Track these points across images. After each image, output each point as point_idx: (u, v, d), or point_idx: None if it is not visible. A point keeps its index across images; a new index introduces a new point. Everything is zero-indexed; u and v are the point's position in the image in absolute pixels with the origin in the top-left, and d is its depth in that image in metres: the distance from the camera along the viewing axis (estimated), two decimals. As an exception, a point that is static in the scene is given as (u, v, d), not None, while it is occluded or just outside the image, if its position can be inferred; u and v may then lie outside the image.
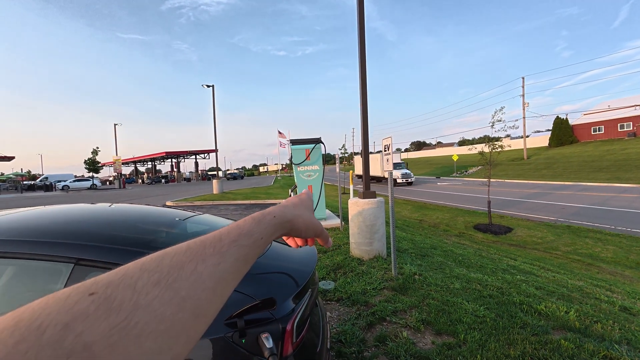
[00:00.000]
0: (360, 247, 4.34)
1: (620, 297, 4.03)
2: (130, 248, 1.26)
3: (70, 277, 1.16)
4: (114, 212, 1.87)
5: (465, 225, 10.78)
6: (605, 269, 6.50)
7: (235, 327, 1.13)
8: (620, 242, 7.95)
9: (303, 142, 7.32)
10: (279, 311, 1.21)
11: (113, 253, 1.22)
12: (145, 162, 60.89)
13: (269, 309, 1.20)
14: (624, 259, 7.02)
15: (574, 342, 2.19)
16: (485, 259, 5.27)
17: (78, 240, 1.23)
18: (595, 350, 2.11)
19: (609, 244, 7.90)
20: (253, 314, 1.17)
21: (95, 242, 1.24)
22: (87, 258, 1.19)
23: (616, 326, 2.59)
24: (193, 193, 19.16)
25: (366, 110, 4.46)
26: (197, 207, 12.33)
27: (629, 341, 2.33)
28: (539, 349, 2.14)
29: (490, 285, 3.43)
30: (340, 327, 2.57)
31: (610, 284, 4.95)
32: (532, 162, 32.67)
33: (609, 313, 3.08)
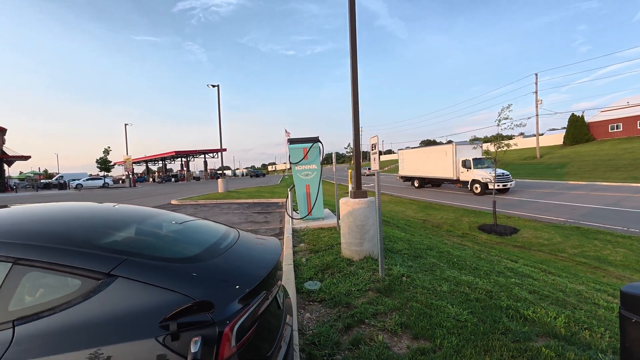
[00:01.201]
0: (351, 248, 4.29)
1: (622, 302, 3.85)
2: (71, 248, 1.25)
3: (7, 276, 1.16)
4: (81, 211, 1.88)
5: (470, 226, 10.56)
6: (613, 272, 6.24)
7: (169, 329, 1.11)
8: (632, 244, 7.62)
9: (301, 141, 7.29)
10: (218, 313, 1.18)
11: (52, 252, 1.22)
12: (156, 161, 62.12)
13: (206, 311, 1.17)
14: (634, 263, 6.72)
15: (556, 350, 2.10)
16: (482, 261, 5.13)
17: (18, 239, 1.24)
18: (577, 359, 2.00)
19: (619, 246, 7.58)
20: (189, 317, 1.15)
21: (35, 242, 1.24)
22: (26, 258, 1.19)
23: (607, 334, 2.47)
24: (200, 192, 19.42)
25: (357, 108, 4.39)
26: (201, 206, 12.48)
27: (615, 350, 2.21)
28: (516, 356, 2.05)
29: (480, 288, 3.33)
30: (317, 328, 2.53)
31: (615, 289, 4.74)
32: (545, 160, 31.74)
33: (603, 320, 2.94)
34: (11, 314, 1.12)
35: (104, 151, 35.65)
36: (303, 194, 7.21)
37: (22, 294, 1.18)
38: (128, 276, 1.22)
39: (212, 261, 1.48)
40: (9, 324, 1.10)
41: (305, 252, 4.85)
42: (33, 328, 1.09)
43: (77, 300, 1.15)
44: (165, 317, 1.12)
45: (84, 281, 1.20)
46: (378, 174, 3.58)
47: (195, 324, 1.14)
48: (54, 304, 1.14)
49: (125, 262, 1.27)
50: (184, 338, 1.11)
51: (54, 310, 1.12)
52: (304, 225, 6.79)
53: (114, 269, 1.23)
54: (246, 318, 1.27)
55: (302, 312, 2.86)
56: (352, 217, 4.24)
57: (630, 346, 1.21)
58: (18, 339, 1.07)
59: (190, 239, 1.82)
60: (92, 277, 1.21)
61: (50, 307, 1.13)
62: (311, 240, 5.48)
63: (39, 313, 1.12)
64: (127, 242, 1.52)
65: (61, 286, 1.22)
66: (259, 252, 1.83)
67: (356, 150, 4.49)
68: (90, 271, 1.22)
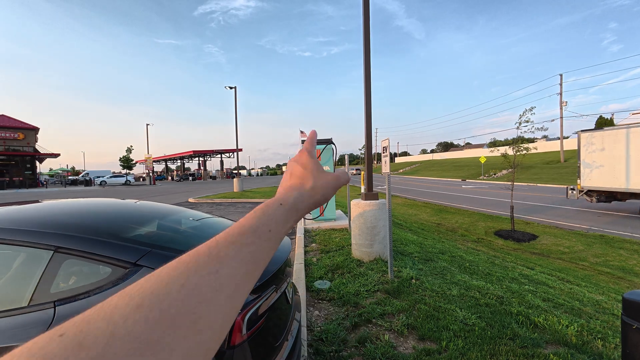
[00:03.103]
0: (361, 249, 4.34)
1: (644, 314, 3.69)
2: (103, 239, 1.40)
3: (49, 263, 1.32)
4: (108, 206, 2.05)
5: (486, 231, 10.30)
6: (638, 283, 5.95)
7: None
8: (661, 255, 7.22)
9: (314, 143, 7.40)
10: None
11: (89, 243, 1.37)
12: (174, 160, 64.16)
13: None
14: (662, 274, 6.37)
15: (564, 358, 2.08)
16: (496, 267, 5.04)
17: (58, 230, 1.40)
18: (586, 368, 1.98)
19: (646, 256, 7.20)
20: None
21: (73, 232, 1.40)
22: (65, 247, 1.34)
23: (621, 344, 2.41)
24: (216, 190, 19.94)
25: (370, 111, 4.45)
26: (217, 204, 12.84)
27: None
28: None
29: (491, 293, 3.30)
30: (325, 326, 2.61)
31: (638, 300, 4.54)
32: (569, 165, 30.37)
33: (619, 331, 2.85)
34: (53, 296, 1.27)
35: (127, 150, 37.23)
36: (316, 195, 7.30)
37: (61, 279, 1.33)
38: (152, 266, 1.35)
39: None
40: (50, 304, 1.25)
41: (316, 252, 4.94)
42: (71, 308, 1.23)
43: (108, 285, 1.29)
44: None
45: (114, 269, 1.34)
46: (389, 176, 3.62)
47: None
48: (88, 288, 1.28)
49: (150, 254, 1.40)
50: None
51: (88, 294, 1.26)
52: (316, 225, 6.88)
53: (139, 259, 1.36)
54: (256, 310, 1.37)
55: (311, 310, 2.95)
56: (362, 218, 4.30)
57: (631, 352, 1.22)
58: (58, 318, 1.22)
59: (208, 234, 1.95)
60: (121, 265, 1.34)
61: (85, 291, 1.27)
62: (322, 241, 5.56)
63: (75, 296, 1.26)
64: (151, 235, 1.67)
65: (94, 273, 1.36)
66: None
67: (368, 153, 4.54)
68: (119, 260, 1.36)
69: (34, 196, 20.07)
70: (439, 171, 46.49)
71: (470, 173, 37.75)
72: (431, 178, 39.39)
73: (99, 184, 37.18)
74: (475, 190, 21.66)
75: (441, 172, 44.47)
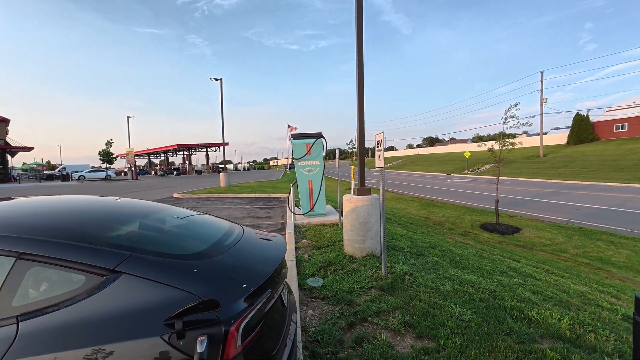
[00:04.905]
0: (353, 245, 4.27)
1: (626, 304, 3.82)
2: (75, 243, 1.23)
3: (10, 271, 1.15)
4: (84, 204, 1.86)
5: (472, 224, 10.52)
6: (616, 274, 6.21)
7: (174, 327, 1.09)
8: (635, 246, 7.58)
9: (304, 137, 7.25)
10: (224, 312, 1.16)
11: (59, 247, 1.21)
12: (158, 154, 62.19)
13: (212, 309, 1.16)
14: (636, 264, 6.68)
15: (561, 353, 2.08)
16: (485, 260, 5.11)
17: (21, 233, 1.22)
18: (583, 363, 1.99)
19: (622, 247, 7.54)
20: (195, 315, 1.13)
21: (39, 236, 1.22)
22: (30, 252, 1.17)
23: (612, 336, 2.45)
24: (202, 185, 19.44)
25: (362, 104, 4.34)
26: (203, 200, 12.49)
27: (622, 354, 2.19)
28: (521, 358, 2.04)
29: (483, 288, 3.31)
30: (320, 326, 2.53)
31: (618, 290, 4.72)
32: (548, 160, 31.54)
33: (608, 322, 2.92)
34: (15, 309, 1.10)
35: (107, 143, 35.71)
36: (305, 190, 7.19)
37: (26, 290, 1.16)
38: (133, 272, 1.20)
39: (217, 258, 1.46)
40: (12, 319, 1.08)
41: (308, 248, 4.85)
42: (37, 324, 1.08)
43: (82, 296, 1.14)
44: (170, 315, 1.10)
45: (88, 277, 1.18)
46: (383, 171, 3.55)
47: (200, 322, 1.12)
48: (58, 300, 1.12)
49: (130, 258, 1.25)
50: (190, 337, 1.09)
51: (58, 307, 1.11)
52: (306, 221, 6.78)
53: (118, 265, 1.21)
54: (252, 317, 1.25)
55: (304, 309, 2.85)
56: (355, 214, 4.22)
57: (644, 353, 1.18)
58: (22, 335, 1.06)
59: (195, 235, 1.81)
60: (97, 273, 1.19)
61: (54, 303, 1.11)
62: (313, 236, 5.47)
63: (43, 309, 1.10)
64: (132, 237, 1.51)
65: (65, 282, 1.20)
66: (263, 249, 1.81)
67: (360, 147, 4.45)
68: (94, 267, 1.20)
69: (5, 192, 18.93)
70: (424, 165, 47.25)
71: (455, 167, 38.55)
72: (417, 172, 39.99)
73: (77, 179, 35.54)
74: (460, 184, 22.13)
75: (427, 167, 45.21)
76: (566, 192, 16.07)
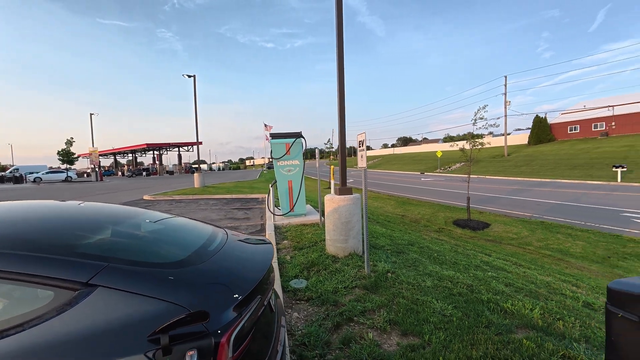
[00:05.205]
0: (336, 244, 4.28)
1: (585, 292, 4.16)
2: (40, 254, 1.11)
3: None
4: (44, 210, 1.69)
5: (445, 221, 10.97)
6: (574, 263, 6.74)
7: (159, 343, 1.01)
8: (589, 237, 8.29)
9: (283, 136, 7.16)
10: (213, 323, 1.10)
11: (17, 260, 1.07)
12: (125, 154, 58.72)
13: (201, 321, 1.08)
14: (591, 254, 7.31)
15: (535, 342, 2.20)
16: (460, 255, 5.33)
17: None
18: (555, 350, 2.12)
19: (578, 239, 8.21)
20: (182, 328, 1.05)
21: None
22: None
23: (577, 323, 2.64)
24: (174, 187, 18.61)
25: (343, 104, 4.35)
26: (176, 202, 11.96)
27: (587, 339, 2.37)
28: (501, 349, 2.13)
29: (461, 282, 3.44)
30: (306, 328, 2.49)
31: (577, 279, 5.12)
32: (512, 159, 33.66)
33: (572, 309, 3.15)
34: (-31, 333, 0.96)
35: (67, 142, 33.08)
36: (285, 190, 7.10)
37: (-19, 310, 1.02)
38: (110, 285, 1.10)
39: (203, 265, 1.38)
40: None
41: (289, 249, 4.78)
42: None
43: (50, 314, 1.02)
44: (155, 330, 1.02)
45: (58, 292, 1.06)
46: (365, 171, 3.57)
47: (188, 335, 1.05)
48: (23, 320, 1.00)
49: (107, 270, 1.14)
50: (177, 352, 1.01)
51: (22, 327, 0.98)
52: (286, 221, 6.70)
53: (93, 278, 1.10)
54: (242, 326, 1.19)
55: (289, 312, 2.80)
56: (337, 213, 4.22)
57: (615, 340, 1.27)
58: (-22, 362, 0.92)
59: (177, 241, 1.70)
60: (67, 287, 1.07)
61: (18, 324, 0.99)
62: (294, 237, 5.41)
63: (4, 331, 0.97)
64: (107, 246, 1.38)
65: (30, 299, 1.07)
66: (250, 254, 1.74)
67: (342, 147, 4.46)
68: (64, 281, 1.09)
69: (-55, 196, 16.94)
70: (399, 165, 48.64)
71: (428, 166, 40.03)
72: (393, 171, 41.04)
73: (33, 181, 32.64)
74: (433, 183, 23.01)
75: (402, 166, 46.57)
76: (529, 189, 17.25)
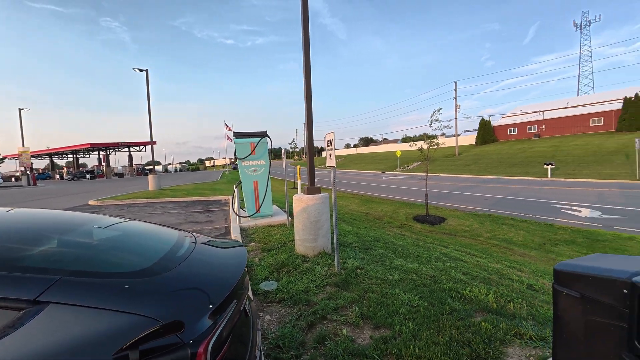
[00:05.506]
0: (305, 244, 4.27)
1: (528, 275, 4.66)
2: None
3: None
4: None
5: (406, 217, 11.55)
6: (517, 251, 7.54)
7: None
8: (528, 227, 9.32)
9: (248, 136, 6.96)
10: (188, 333, 1.03)
11: None
12: (64, 155, 52.51)
13: (175, 332, 1.01)
14: (530, 242, 8.23)
15: (492, 323, 2.42)
16: (421, 249, 5.66)
17: None
18: (508, 329, 2.35)
19: (519, 229, 9.20)
20: (155, 341, 0.97)
21: None
22: None
23: (524, 304, 2.96)
24: (125, 190, 17.07)
25: (310, 103, 4.36)
26: (128, 207, 10.99)
27: (533, 316, 2.67)
28: (463, 332, 2.31)
29: (425, 274, 3.65)
30: (280, 330, 2.45)
31: (520, 265, 5.73)
32: (462, 158, 36.60)
33: (519, 292, 3.51)
34: None
35: (-12, 141, 28.60)
36: (251, 191, 6.91)
37: None
38: (64, 301, 0.97)
39: (171, 272, 1.28)
40: None
41: (257, 251, 4.67)
42: None
43: (-12, 339, 0.87)
44: (122, 347, 0.92)
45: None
46: (334, 170, 3.62)
47: (162, 348, 0.97)
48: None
49: (58, 284, 1.01)
50: (150, 368, 0.93)
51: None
52: (252, 223, 6.53)
53: (42, 294, 0.96)
54: (220, 334, 1.13)
55: (261, 315, 2.73)
56: (306, 213, 4.22)
57: (561, 315, 1.45)
58: None
59: (140, 248, 1.56)
60: (9, 307, 0.93)
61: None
62: (262, 239, 5.30)
63: None
64: (57, 257, 1.22)
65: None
66: (222, 258, 1.67)
67: (310, 147, 4.46)
68: (4, 300, 0.94)
69: None
70: (362, 164, 50.17)
71: (388, 165, 41.85)
72: (356, 171, 42.20)
73: (-58, 187, 27.62)
74: (394, 181, 24.12)
75: (364, 165, 48.10)
76: (477, 185, 18.90)
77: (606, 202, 12.04)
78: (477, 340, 2.19)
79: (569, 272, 1.42)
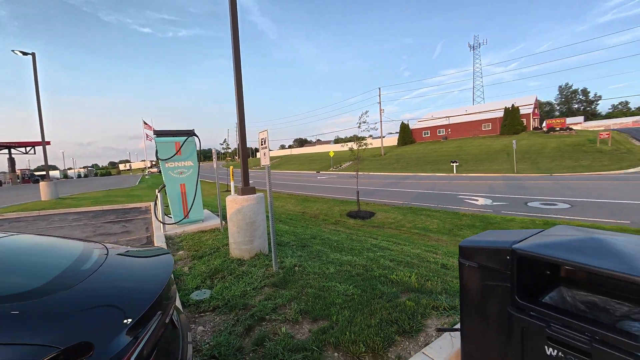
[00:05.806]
0: (241, 247, 4.10)
1: (441, 257, 5.40)
2: None
3: None
4: None
5: (340, 214, 12.12)
6: (433, 237, 8.66)
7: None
8: (441, 216, 10.80)
9: (172, 134, 6.32)
10: (100, 355, 0.89)
11: None
12: None
13: (82, 356, 0.86)
14: (442, 229, 9.55)
15: (415, 301, 2.73)
16: (354, 242, 6.02)
17: None
18: (427, 304, 2.69)
19: (434, 218, 10.58)
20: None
21: None
22: None
23: (439, 281, 3.42)
24: (7, 201, 13.63)
25: (242, 102, 4.21)
26: (12, 221, 8.81)
27: (446, 290, 3.11)
28: (392, 312, 2.55)
29: (358, 264, 3.90)
30: (215, 339, 2.30)
31: (435, 248, 6.60)
32: (387, 158, 40.21)
33: (435, 272, 4.04)
34: None
35: None
36: (177, 195, 6.30)
37: None
38: None
39: (73, 290, 1.10)
40: None
41: (187, 259, 4.29)
42: None
43: None
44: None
45: None
46: (268, 168, 3.57)
47: (65, 378, 0.81)
48: None
49: None
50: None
51: None
52: (180, 230, 5.97)
53: None
54: (141, 351, 1.01)
55: (193, 327, 2.52)
56: (241, 214, 4.06)
57: (465, 284, 1.73)
58: None
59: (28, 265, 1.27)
60: None
61: None
62: (192, 246, 4.88)
63: None
64: None
65: None
66: (143, 269, 1.49)
67: (242, 146, 4.30)
68: None
69: None
70: (297, 165, 50.64)
71: (322, 166, 43.22)
72: (291, 171, 42.37)
73: None
74: (328, 180, 25.03)
75: (299, 165, 48.64)
76: (400, 182, 21.02)
77: (495, 192, 14.76)
78: (402, 318, 2.45)
79: (469, 247, 1.71)
